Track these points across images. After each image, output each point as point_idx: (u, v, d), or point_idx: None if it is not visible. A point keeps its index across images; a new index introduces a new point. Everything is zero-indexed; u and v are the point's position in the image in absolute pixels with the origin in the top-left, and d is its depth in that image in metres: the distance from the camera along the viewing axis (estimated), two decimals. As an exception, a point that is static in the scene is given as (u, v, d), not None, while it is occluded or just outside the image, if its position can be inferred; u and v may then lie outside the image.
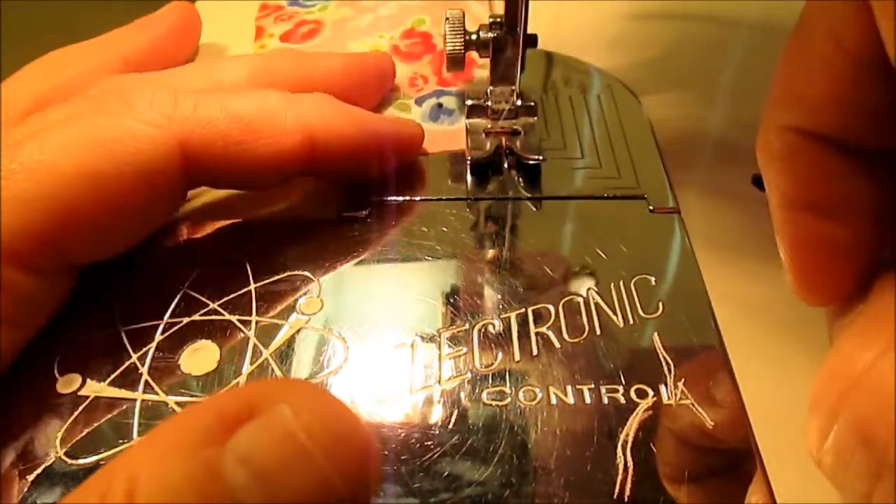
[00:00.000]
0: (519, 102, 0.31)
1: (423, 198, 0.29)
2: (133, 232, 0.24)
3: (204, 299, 0.25)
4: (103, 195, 0.22)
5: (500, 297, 0.25)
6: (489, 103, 0.31)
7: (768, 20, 0.40)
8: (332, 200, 0.29)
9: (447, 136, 0.32)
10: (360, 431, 0.15)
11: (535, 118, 0.31)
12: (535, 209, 0.29)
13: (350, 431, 0.15)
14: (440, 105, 0.34)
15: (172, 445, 0.14)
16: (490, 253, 0.27)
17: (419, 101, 0.34)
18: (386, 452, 0.21)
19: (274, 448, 0.14)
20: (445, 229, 0.28)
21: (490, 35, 0.30)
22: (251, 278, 0.26)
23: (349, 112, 0.27)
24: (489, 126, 0.31)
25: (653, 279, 0.26)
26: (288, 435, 0.14)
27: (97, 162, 0.22)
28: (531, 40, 0.30)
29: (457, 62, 0.31)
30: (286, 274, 0.26)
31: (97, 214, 0.22)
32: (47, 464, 0.21)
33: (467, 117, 0.32)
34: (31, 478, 0.20)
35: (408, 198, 0.29)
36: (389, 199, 0.29)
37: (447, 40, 0.30)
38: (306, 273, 0.26)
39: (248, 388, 0.15)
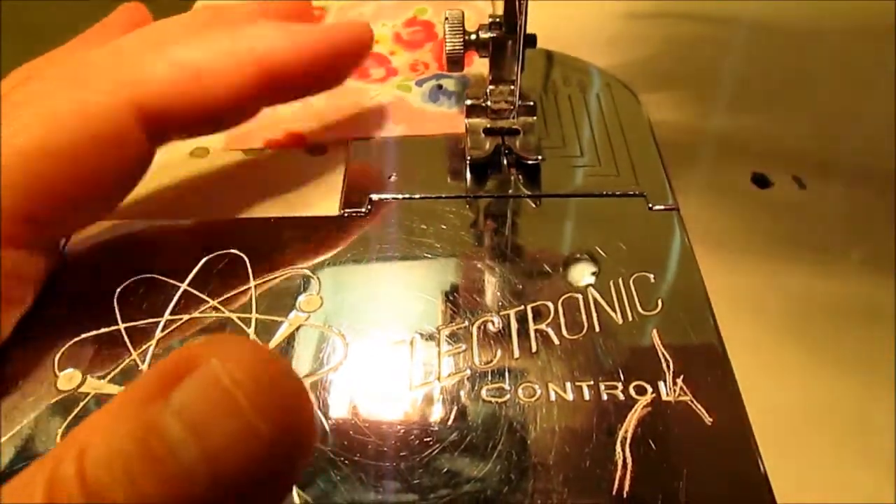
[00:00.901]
0: (518, 102, 0.31)
1: (422, 195, 0.29)
2: (105, 198, 0.25)
3: (204, 296, 0.25)
4: (67, 167, 0.22)
5: (499, 294, 0.25)
6: (488, 103, 0.31)
7: (766, 19, 0.40)
8: (332, 198, 0.29)
9: (446, 118, 0.33)
10: (288, 379, 0.15)
11: (535, 117, 0.31)
12: (534, 207, 0.29)
13: (277, 378, 0.15)
14: (440, 86, 0.34)
15: (119, 408, 0.15)
16: (489, 250, 0.27)
17: (419, 83, 0.35)
18: (385, 449, 0.21)
19: (203, 398, 0.14)
20: (445, 227, 0.28)
21: (489, 35, 0.30)
22: (251, 276, 0.26)
23: (293, 31, 0.27)
24: (488, 125, 0.31)
25: (652, 276, 0.26)
26: (215, 383, 0.14)
27: (56, 136, 0.22)
28: (530, 40, 0.30)
29: (456, 62, 0.31)
30: (286, 271, 0.26)
31: (64, 186, 0.22)
32: None
33: (466, 117, 0.32)
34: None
35: (407, 196, 0.29)
36: (389, 196, 0.29)
37: (446, 40, 0.30)
38: (306, 270, 0.26)
39: (188, 346, 0.15)
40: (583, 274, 0.26)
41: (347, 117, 0.33)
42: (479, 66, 0.34)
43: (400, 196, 0.29)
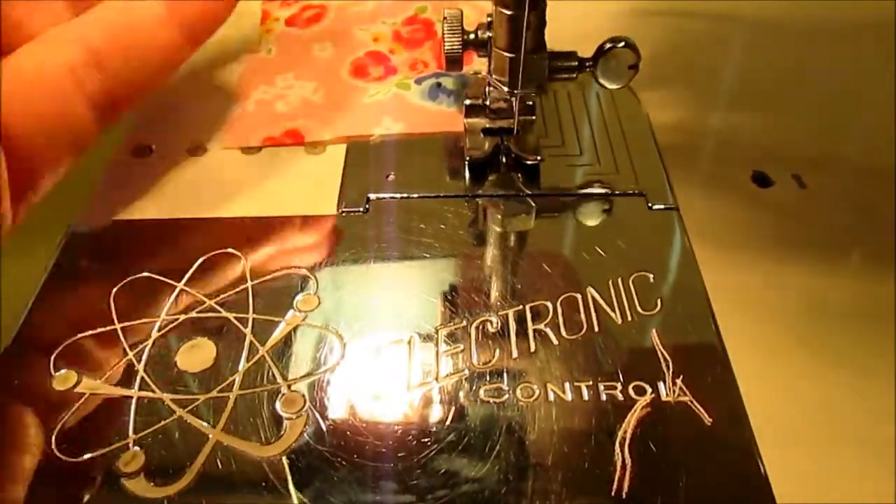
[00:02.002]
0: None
1: (421, 195, 0.29)
2: None
3: (201, 296, 0.25)
4: None
5: (497, 294, 0.25)
6: (487, 102, 0.31)
7: (766, 17, 0.40)
8: (330, 197, 0.29)
9: (446, 116, 0.33)
10: None
11: (534, 117, 0.31)
12: (533, 206, 0.29)
13: None
14: (439, 84, 0.34)
15: None
16: (488, 250, 0.27)
17: (419, 81, 0.35)
18: (383, 450, 0.21)
19: None
20: (443, 226, 0.27)
21: (488, 34, 0.30)
22: (248, 275, 0.26)
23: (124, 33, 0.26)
24: (487, 125, 0.31)
25: (651, 276, 0.25)
26: None
27: None
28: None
29: (455, 62, 0.30)
30: (283, 271, 0.26)
31: None
32: (43, 461, 0.21)
33: (465, 117, 0.31)
34: (26, 475, 0.20)
35: (406, 195, 0.29)
36: (387, 196, 0.29)
37: (445, 40, 0.30)
38: (303, 270, 0.26)
39: None
40: (582, 273, 0.26)
41: (346, 115, 0.33)
42: (478, 65, 0.34)
43: (398, 195, 0.29)
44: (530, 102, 0.31)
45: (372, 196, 0.29)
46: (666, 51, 0.38)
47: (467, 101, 0.31)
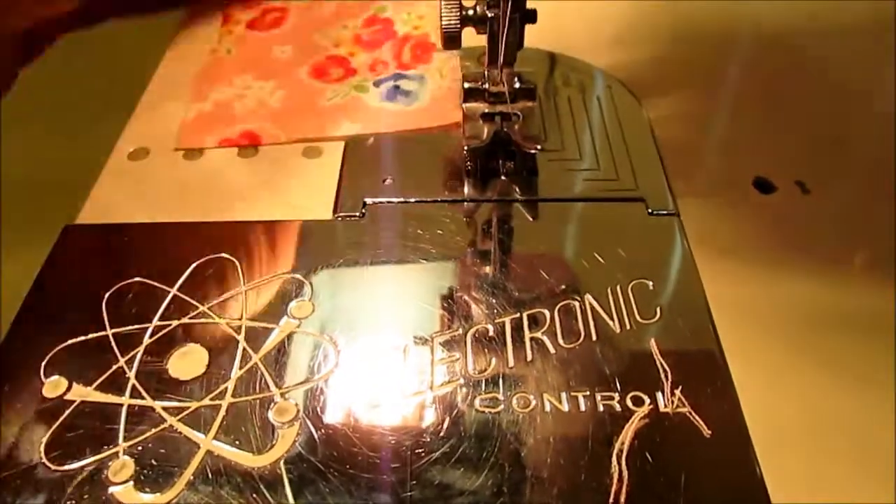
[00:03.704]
0: (518, 84, 0.29)
1: (418, 199, 0.29)
2: None
3: (194, 302, 0.25)
4: None
5: (494, 301, 0.25)
6: (486, 86, 0.29)
7: (769, 21, 0.39)
8: (327, 201, 0.28)
9: (404, 115, 0.33)
10: None
11: (534, 102, 0.30)
12: (531, 212, 0.28)
13: None
14: (397, 87, 0.34)
15: None
16: (485, 256, 0.26)
17: (377, 83, 0.35)
18: (377, 460, 0.21)
19: None
20: (441, 232, 0.27)
21: (488, 11, 0.27)
22: (242, 281, 0.25)
23: None
24: (486, 110, 0.29)
25: (651, 284, 0.25)
26: None
27: None
28: (530, 16, 0.28)
29: (453, 39, 0.28)
30: (278, 276, 0.25)
31: None
32: (31, 469, 0.20)
33: (464, 101, 0.30)
34: (14, 483, 0.20)
35: (403, 199, 0.29)
36: (384, 200, 0.29)
37: (443, 16, 0.28)
38: (298, 276, 0.26)
39: None
40: (580, 280, 0.25)
41: (304, 118, 0.33)
42: (437, 55, 0.34)
43: (395, 200, 0.29)
44: (532, 86, 0.29)
45: (369, 200, 0.28)
46: (667, 55, 0.37)
47: (466, 85, 0.30)
